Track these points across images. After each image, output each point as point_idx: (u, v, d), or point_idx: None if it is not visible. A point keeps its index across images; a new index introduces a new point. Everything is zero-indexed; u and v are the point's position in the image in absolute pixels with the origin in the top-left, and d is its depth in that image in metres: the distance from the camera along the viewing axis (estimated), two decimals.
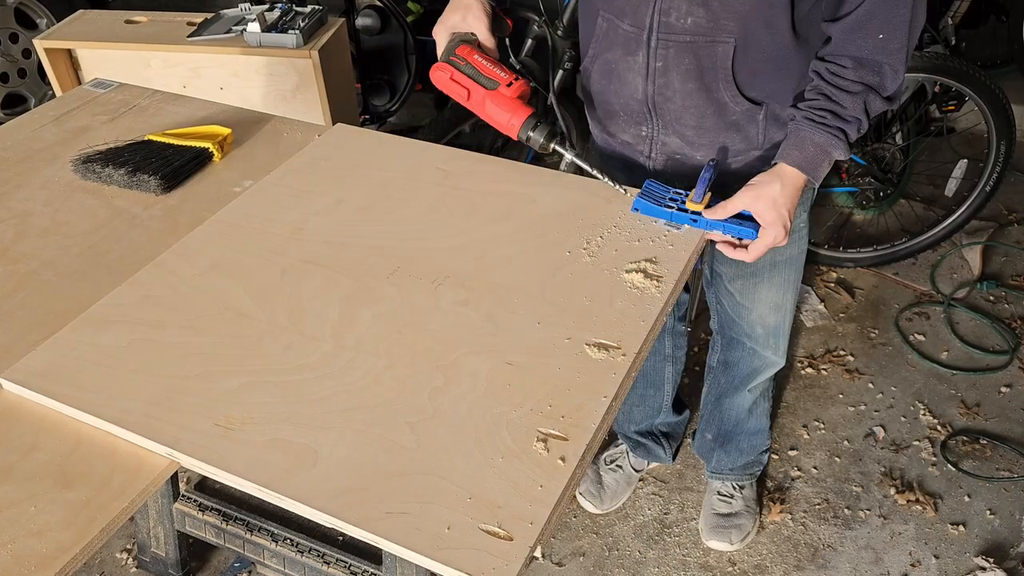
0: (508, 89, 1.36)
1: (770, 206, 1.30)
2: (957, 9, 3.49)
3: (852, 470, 2.33)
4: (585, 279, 1.25)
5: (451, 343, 1.14)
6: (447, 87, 1.39)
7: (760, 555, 2.13)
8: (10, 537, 0.94)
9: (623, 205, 1.40)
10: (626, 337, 1.14)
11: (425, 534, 0.90)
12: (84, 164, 1.56)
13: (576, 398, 1.06)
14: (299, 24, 2.49)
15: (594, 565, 2.13)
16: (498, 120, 1.37)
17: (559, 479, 0.96)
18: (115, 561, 2.12)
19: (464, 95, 1.38)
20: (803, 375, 2.63)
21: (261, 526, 1.87)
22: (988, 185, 2.85)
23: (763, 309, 1.78)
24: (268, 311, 1.20)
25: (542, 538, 0.91)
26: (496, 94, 1.36)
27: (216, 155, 1.58)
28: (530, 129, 1.36)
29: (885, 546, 2.14)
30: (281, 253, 1.31)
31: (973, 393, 2.55)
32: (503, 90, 1.36)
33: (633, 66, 1.45)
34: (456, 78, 1.38)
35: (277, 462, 0.99)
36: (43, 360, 1.12)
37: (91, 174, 1.55)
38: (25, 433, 1.06)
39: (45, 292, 1.29)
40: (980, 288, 2.92)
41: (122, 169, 1.54)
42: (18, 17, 3.59)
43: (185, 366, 1.11)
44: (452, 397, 1.06)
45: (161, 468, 1.02)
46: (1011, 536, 2.15)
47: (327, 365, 1.11)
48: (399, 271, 1.27)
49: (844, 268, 3.03)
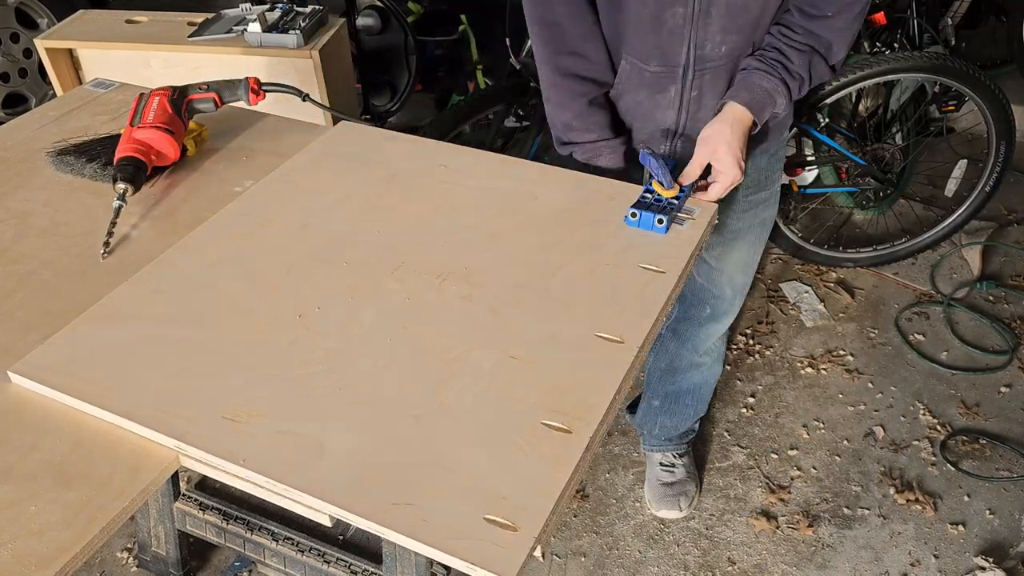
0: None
1: (726, 152, 1.42)
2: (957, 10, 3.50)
3: (852, 470, 2.34)
4: (588, 274, 1.25)
5: (456, 338, 1.14)
6: None
7: (760, 555, 2.13)
8: (10, 536, 0.93)
9: (626, 201, 1.41)
10: (629, 331, 1.15)
11: (431, 525, 0.90)
12: (58, 156, 1.58)
13: (579, 392, 1.06)
14: (300, 24, 2.49)
15: (594, 565, 2.13)
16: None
17: (563, 471, 0.96)
18: (115, 560, 2.12)
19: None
20: (803, 375, 2.63)
21: (262, 525, 1.86)
22: (988, 185, 2.86)
23: (733, 270, 1.83)
24: (273, 307, 1.20)
25: (547, 529, 0.92)
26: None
27: (191, 149, 1.59)
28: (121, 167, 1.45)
29: (885, 546, 2.14)
30: (286, 249, 1.31)
31: (973, 393, 2.55)
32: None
33: (663, 103, 1.51)
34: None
35: (284, 455, 0.99)
36: (51, 354, 1.12)
37: (65, 166, 1.57)
38: (25, 433, 1.05)
39: (45, 292, 1.28)
40: (980, 288, 2.92)
41: (95, 162, 1.55)
42: (19, 17, 3.60)
43: (192, 361, 1.11)
44: (457, 391, 1.06)
45: (162, 467, 1.02)
46: (1011, 536, 2.16)
47: (332, 359, 1.11)
48: (403, 267, 1.27)
49: (844, 268, 3.04)
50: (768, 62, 1.44)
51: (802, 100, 2.13)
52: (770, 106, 1.46)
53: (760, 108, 1.45)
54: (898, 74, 2.60)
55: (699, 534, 2.19)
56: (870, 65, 2.55)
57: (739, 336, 2.78)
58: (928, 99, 3.31)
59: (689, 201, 1.39)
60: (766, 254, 3.11)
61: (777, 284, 2.99)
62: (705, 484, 2.31)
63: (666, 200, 1.35)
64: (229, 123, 1.68)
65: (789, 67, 1.44)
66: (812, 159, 3.00)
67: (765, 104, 1.45)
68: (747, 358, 2.70)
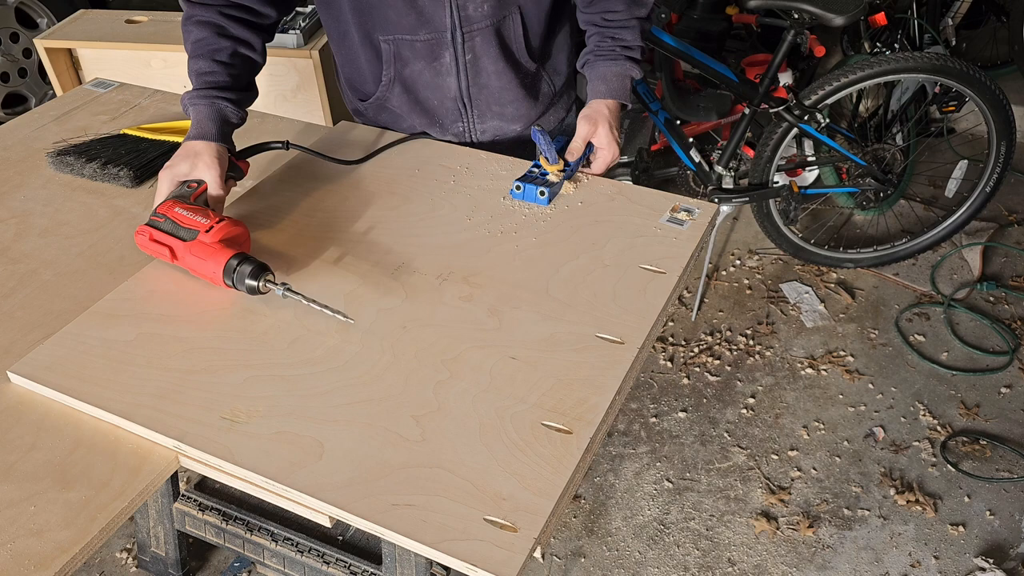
0: (207, 235, 1.21)
1: (604, 131, 1.51)
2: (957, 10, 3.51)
3: (852, 470, 2.34)
4: (588, 274, 1.25)
5: (455, 338, 1.14)
6: (151, 250, 1.25)
7: (760, 555, 2.13)
8: (10, 537, 0.93)
9: (625, 202, 1.41)
10: (629, 332, 1.15)
11: (431, 526, 0.90)
12: (58, 156, 1.57)
13: (579, 392, 1.06)
14: (300, 24, 2.49)
15: (594, 565, 2.13)
16: (202, 271, 1.21)
17: (563, 472, 0.96)
18: (115, 561, 2.12)
19: (167, 254, 1.23)
20: (803, 375, 2.63)
21: (261, 526, 1.86)
22: (988, 186, 2.85)
23: None
24: (273, 306, 1.20)
25: (546, 530, 0.91)
26: (195, 244, 1.21)
27: None
28: (232, 272, 1.19)
29: (885, 546, 2.14)
30: (286, 249, 1.31)
31: (973, 394, 2.55)
32: (202, 237, 1.21)
33: (441, 70, 1.55)
34: (156, 238, 1.23)
35: (283, 455, 0.99)
36: (50, 354, 1.12)
37: (64, 167, 1.56)
38: (25, 433, 1.05)
39: (45, 292, 1.28)
40: (980, 289, 2.92)
41: (94, 162, 1.55)
42: (19, 17, 3.59)
43: (191, 360, 1.11)
44: (457, 391, 1.06)
45: (161, 467, 1.02)
46: (1011, 537, 2.15)
47: (332, 359, 1.11)
48: (403, 267, 1.27)
49: (844, 269, 3.04)
50: (607, 51, 1.55)
51: None
52: (630, 84, 1.58)
53: (622, 92, 1.56)
54: (899, 74, 2.59)
55: (699, 535, 2.18)
56: (871, 65, 2.55)
57: (739, 336, 2.78)
58: (929, 99, 3.32)
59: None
60: (767, 254, 3.11)
61: (777, 284, 2.99)
62: (705, 485, 2.31)
63: (552, 174, 1.44)
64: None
65: (627, 44, 1.56)
66: (812, 160, 3.00)
67: (623, 86, 1.57)
68: (747, 358, 2.70)
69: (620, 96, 1.56)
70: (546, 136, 1.43)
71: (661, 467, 2.36)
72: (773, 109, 2.62)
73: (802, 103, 2.60)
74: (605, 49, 1.55)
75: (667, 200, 1.41)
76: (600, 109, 1.53)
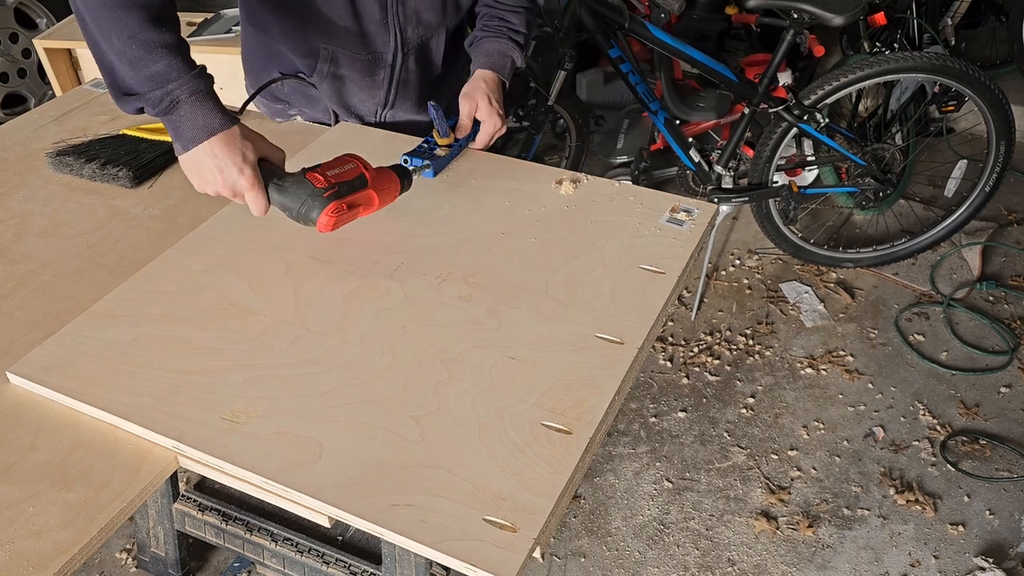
0: (368, 171, 1.26)
1: (485, 104, 1.57)
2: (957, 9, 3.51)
3: (852, 470, 2.34)
4: (587, 274, 1.25)
5: (455, 338, 1.14)
6: (343, 221, 1.24)
7: (760, 555, 2.13)
8: (9, 537, 0.93)
9: (624, 202, 1.41)
10: (628, 332, 1.15)
11: (430, 526, 0.90)
12: (57, 157, 1.57)
13: (579, 392, 1.06)
14: None
15: (594, 565, 2.13)
16: (387, 198, 1.30)
17: (562, 472, 0.96)
18: (115, 561, 2.12)
19: (359, 211, 1.26)
20: (803, 375, 2.63)
21: (261, 526, 1.86)
22: (988, 185, 2.85)
23: None
24: (273, 306, 1.20)
25: (546, 530, 0.91)
26: (375, 181, 1.27)
27: None
28: (405, 178, 1.34)
29: (885, 546, 2.14)
30: (286, 249, 1.31)
31: (973, 393, 2.55)
32: (369, 174, 1.26)
33: (372, 85, 1.62)
34: (347, 202, 1.22)
35: (283, 455, 0.99)
36: (49, 355, 1.12)
37: (64, 167, 1.56)
38: (24, 433, 1.05)
39: (44, 292, 1.28)
40: (980, 288, 2.92)
41: (94, 163, 1.55)
42: (18, 17, 3.59)
43: (190, 361, 1.11)
44: (456, 391, 1.06)
45: (161, 467, 1.02)
46: (1010, 536, 2.16)
47: (332, 359, 1.11)
48: (403, 267, 1.27)
49: (844, 268, 3.04)
50: (494, 29, 1.64)
51: None
52: (510, 64, 1.65)
53: (502, 68, 1.63)
54: (898, 74, 2.59)
55: (699, 534, 2.18)
56: (870, 65, 2.55)
57: (739, 336, 2.78)
58: (928, 99, 3.32)
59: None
60: (766, 254, 3.11)
61: (777, 284, 2.99)
62: (705, 484, 2.31)
63: (441, 148, 1.51)
64: None
65: (512, 27, 1.64)
66: (812, 159, 3.00)
67: (504, 63, 1.64)
68: (747, 358, 2.70)
69: (499, 70, 1.62)
70: (440, 112, 1.49)
71: (661, 467, 2.36)
72: (772, 109, 2.62)
73: (801, 103, 2.60)
74: (492, 28, 1.64)
75: (666, 200, 1.41)
76: (478, 84, 1.59)
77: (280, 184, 1.22)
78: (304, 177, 1.21)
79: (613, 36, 2.59)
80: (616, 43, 2.60)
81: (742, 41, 3.56)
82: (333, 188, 1.20)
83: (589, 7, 2.50)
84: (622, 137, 3.44)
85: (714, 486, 2.31)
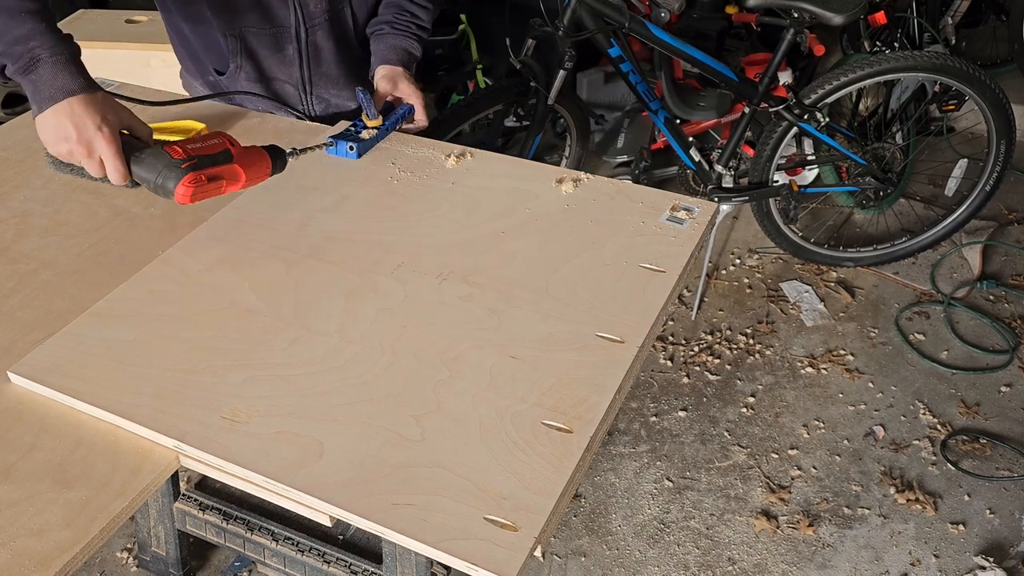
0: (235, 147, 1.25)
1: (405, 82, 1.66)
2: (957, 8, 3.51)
3: (852, 469, 2.34)
4: (588, 273, 1.25)
5: (455, 337, 1.14)
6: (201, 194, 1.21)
7: (760, 554, 2.13)
8: (10, 537, 0.93)
9: (625, 201, 1.41)
10: (629, 330, 1.15)
11: (431, 525, 0.90)
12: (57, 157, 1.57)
13: (579, 391, 1.06)
14: None
15: (594, 564, 2.13)
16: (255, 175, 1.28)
17: (563, 471, 0.96)
18: (115, 560, 2.12)
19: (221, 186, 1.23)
20: (803, 375, 2.63)
21: (262, 525, 1.86)
22: (988, 184, 2.85)
23: None
24: (273, 306, 1.20)
25: (547, 529, 0.91)
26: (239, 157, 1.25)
27: None
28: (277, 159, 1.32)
29: (885, 545, 2.14)
30: (286, 249, 1.31)
31: (973, 392, 2.55)
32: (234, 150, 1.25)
33: (284, 60, 1.69)
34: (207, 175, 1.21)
35: (283, 454, 0.99)
36: (50, 354, 1.12)
37: (64, 167, 1.56)
38: (25, 433, 1.05)
39: (45, 292, 1.28)
40: (980, 287, 2.92)
41: None
42: None
43: (191, 360, 1.11)
44: (457, 390, 1.06)
45: (162, 467, 1.02)
46: (1011, 535, 2.16)
47: (332, 359, 1.11)
48: (403, 266, 1.27)
49: (844, 267, 3.04)
50: (403, 25, 1.70)
51: None
52: (412, 59, 1.72)
53: (407, 62, 1.70)
54: (898, 73, 2.59)
55: (699, 534, 2.19)
56: (870, 64, 2.55)
57: (739, 336, 2.78)
58: (928, 98, 3.32)
59: None
60: (766, 253, 3.11)
61: (777, 284, 2.99)
62: (705, 484, 2.31)
63: (366, 131, 1.55)
64: (228, 124, 1.68)
65: (421, 24, 1.71)
66: (812, 158, 3.00)
67: (412, 62, 1.71)
68: (747, 358, 2.70)
69: (404, 65, 1.70)
70: (368, 96, 1.53)
71: (661, 466, 2.36)
72: (773, 108, 2.62)
73: (802, 102, 2.60)
74: (401, 23, 1.70)
75: (667, 199, 1.41)
76: (395, 68, 1.67)
77: (139, 156, 1.23)
78: (162, 149, 1.22)
79: (614, 35, 2.59)
80: (616, 42, 2.60)
81: (742, 40, 3.56)
82: (192, 160, 1.20)
83: (589, 7, 2.50)
84: (622, 136, 3.44)
85: (714, 485, 2.31)
